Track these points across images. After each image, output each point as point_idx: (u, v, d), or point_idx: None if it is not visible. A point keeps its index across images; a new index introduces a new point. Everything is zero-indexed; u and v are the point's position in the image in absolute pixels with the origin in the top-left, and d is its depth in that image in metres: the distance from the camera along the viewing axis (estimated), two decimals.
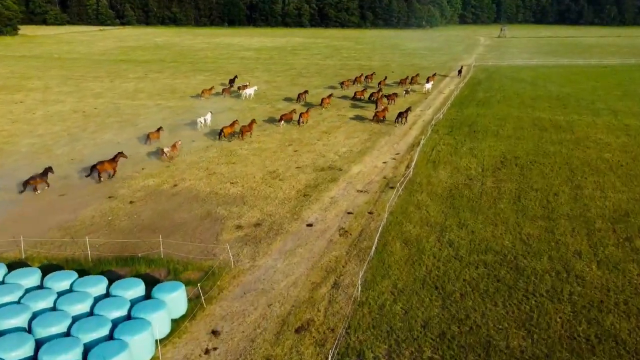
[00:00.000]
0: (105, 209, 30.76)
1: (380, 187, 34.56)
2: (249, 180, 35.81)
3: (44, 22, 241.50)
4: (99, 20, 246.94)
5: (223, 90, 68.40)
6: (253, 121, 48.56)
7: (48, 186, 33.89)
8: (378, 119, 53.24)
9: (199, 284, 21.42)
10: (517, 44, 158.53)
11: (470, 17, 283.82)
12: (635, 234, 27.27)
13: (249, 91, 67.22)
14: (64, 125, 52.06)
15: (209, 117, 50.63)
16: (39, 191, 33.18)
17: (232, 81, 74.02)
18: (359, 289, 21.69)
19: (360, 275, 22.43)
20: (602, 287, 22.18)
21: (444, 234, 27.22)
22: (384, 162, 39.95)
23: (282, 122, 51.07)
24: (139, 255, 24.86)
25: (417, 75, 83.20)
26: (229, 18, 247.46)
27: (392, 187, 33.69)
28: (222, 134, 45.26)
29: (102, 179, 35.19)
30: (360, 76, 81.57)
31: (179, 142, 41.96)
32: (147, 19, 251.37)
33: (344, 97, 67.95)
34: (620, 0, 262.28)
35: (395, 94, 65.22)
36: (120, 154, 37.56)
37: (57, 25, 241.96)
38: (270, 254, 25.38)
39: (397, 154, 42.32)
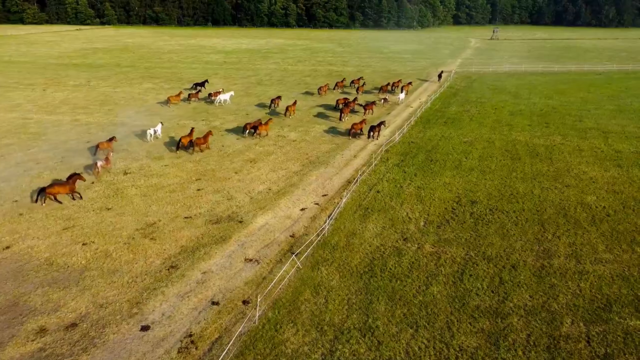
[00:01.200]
0: None
1: (279, 252, 25.60)
2: (111, 238, 26.79)
3: (21, 21, 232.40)
4: (78, 19, 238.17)
5: (189, 95, 63.34)
6: (209, 133, 43.65)
7: None
8: (354, 132, 46.99)
9: None
10: (508, 47, 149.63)
11: (464, 17, 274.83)
12: (618, 350, 18.26)
13: (224, 97, 62.09)
14: None
15: (159, 127, 46.19)
16: None
17: (199, 85, 68.71)
18: None
19: None
20: None
21: (335, 349, 18.17)
22: (302, 209, 30.98)
23: (247, 132, 47.15)
24: None
25: (400, 81, 76.37)
26: (213, 18, 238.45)
27: (294, 254, 24.59)
28: (180, 144, 41.63)
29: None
30: (342, 81, 74.97)
31: (111, 154, 38.61)
32: (128, 19, 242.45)
33: (326, 106, 59.09)
34: (619, 2, 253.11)
35: (374, 103, 59.04)
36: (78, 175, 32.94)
37: (35, 24, 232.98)
38: None
39: (325, 195, 33.35)
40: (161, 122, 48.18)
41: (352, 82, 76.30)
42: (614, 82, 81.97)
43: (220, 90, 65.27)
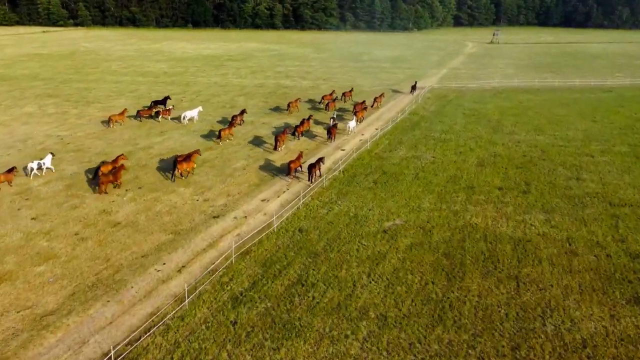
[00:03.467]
0: None
1: None
2: None
3: None
4: (50, 20, 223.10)
5: (139, 113, 54.41)
6: (121, 167, 35.36)
7: None
8: (291, 170, 36.90)
9: None
10: (507, 53, 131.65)
11: (466, 18, 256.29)
12: None
13: (190, 114, 53.41)
14: None
15: (48, 159, 37.64)
16: None
17: (158, 103, 58.24)
18: None
19: None
20: None
21: None
22: None
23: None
24: None
25: (382, 95, 64.44)
26: (194, 19, 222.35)
27: None
28: (99, 172, 34.51)
29: None
30: (330, 94, 64.78)
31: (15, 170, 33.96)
32: (104, 20, 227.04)
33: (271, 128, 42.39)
34: (634, 1, 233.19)
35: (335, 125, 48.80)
36: None
37: (5, 25, 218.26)
38: None
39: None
40: (51, 153, 39.00)
41: (344, 94, 66.57)
42: (627, 104, 64.33)
43: (171, 107, 56.93)
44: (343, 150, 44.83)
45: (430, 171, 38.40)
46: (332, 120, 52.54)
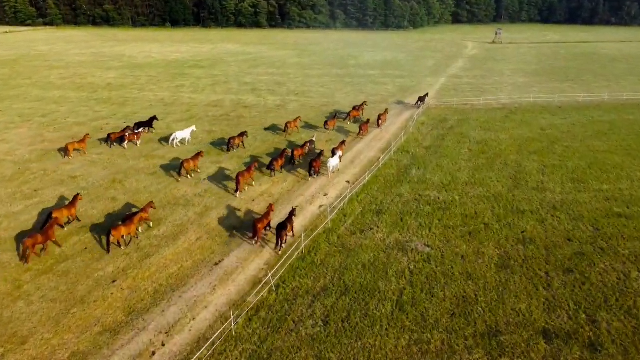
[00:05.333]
0: None
1: None
2: None
3: None
4: (18, 19, 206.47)
5: (109, 137, 44.26)
6: (52, 223, 26.08)
7: None
8: (258, 231, 26.69)
9: None
10: (512, 56, 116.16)
11: (465, 15, 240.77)
12: None
13: (181, 135, 44.82)
14: None
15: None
16: None
17: (142, 125, 48.02)
18: None
19: None
20: None
21: None
22: None
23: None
24: None
25: (386, 112, 52.77)
26: (172, 18, 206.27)
27: None
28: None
29: None
30: (359, 107, 54.78)
31: None
32: (75, 19, 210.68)
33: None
34: None
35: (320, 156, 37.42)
36: None
37: None
38: None
39: None
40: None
41: (357, 107, 54.87)
42: None
43: (141, 130, 46.48)
44: (325, 195, 29.12)
45: (424, 285, 22.83)
46: (308, 145, 40.82)
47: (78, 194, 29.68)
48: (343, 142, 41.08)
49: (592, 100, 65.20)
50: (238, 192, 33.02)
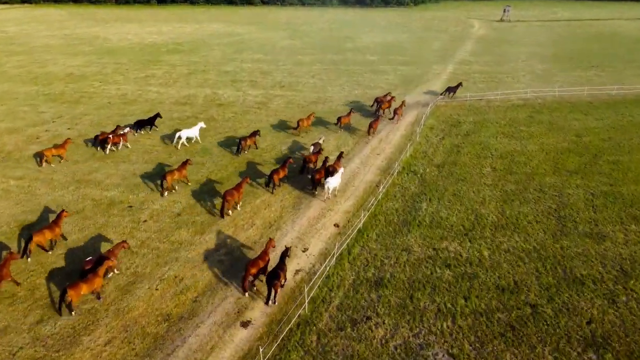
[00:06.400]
0: None
1: None
2: None
3: None
4: None
5: (97, 138, 37.83)
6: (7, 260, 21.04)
7: None
8: (245, 281, 20.67)
9: None
10: (524, 36, 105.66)
11: None
12: None
13: (186, 134, 38.35)
14: None
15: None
16: None
17: (144, 123, 41.62)
18: None
19: None
20: None
21: None
22: None
23: None
24: None
25: (403, 104, 46.38)
26: None
27: None
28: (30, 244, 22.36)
29: None
30: (386, 97, 47.76)
31: None
32: None
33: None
34: None
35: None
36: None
37: None
38: None
39: None
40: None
41: (377, 100, 47.31)
42: None
43: (127, 130, 39.24)
44: (305, 251, 20.09)
45: None
46: (312, 147, 33.86)
47: (63, 210, 24.72)
48: (340, 156, 32.18)
49: (626, 93, 55.58)
50: (224, 214, 27.19)
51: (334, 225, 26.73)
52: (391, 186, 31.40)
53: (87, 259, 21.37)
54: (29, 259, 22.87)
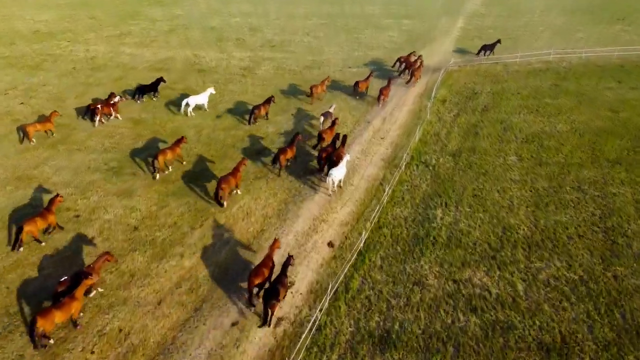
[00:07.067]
0: None
1: None
2: None
3: None
4: None
5: (90, 107, 33.36)
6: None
7: None
8: (251, 293, 17.70)
9: None
10: None
11: None
12: None
13: (194, 101, 34.29)
14: None
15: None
16: None
17: (145, 89, 37.10)
18: None
19: None
20: None
21: None
22: None
23: None
24: None
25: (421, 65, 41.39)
26: None
27: None
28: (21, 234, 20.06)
29: None
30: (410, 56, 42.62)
31: None
32: None
33: None
34: None
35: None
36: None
37: None
38: None
39: None
40: None
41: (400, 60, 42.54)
42: None
43: (118, 98, 34.32)
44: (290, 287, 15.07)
45: None
46: (322, 118, 29.95)
47: (58, 194, 22.41)
48: (344, 140, 26.71)
49: None
50: (221, 202, 23.61)
51: (328, 244, 21.33)
52: (398, 184, 25.79)
53: (61, 279, 17.22)
54: (21, 249, 20.01)
